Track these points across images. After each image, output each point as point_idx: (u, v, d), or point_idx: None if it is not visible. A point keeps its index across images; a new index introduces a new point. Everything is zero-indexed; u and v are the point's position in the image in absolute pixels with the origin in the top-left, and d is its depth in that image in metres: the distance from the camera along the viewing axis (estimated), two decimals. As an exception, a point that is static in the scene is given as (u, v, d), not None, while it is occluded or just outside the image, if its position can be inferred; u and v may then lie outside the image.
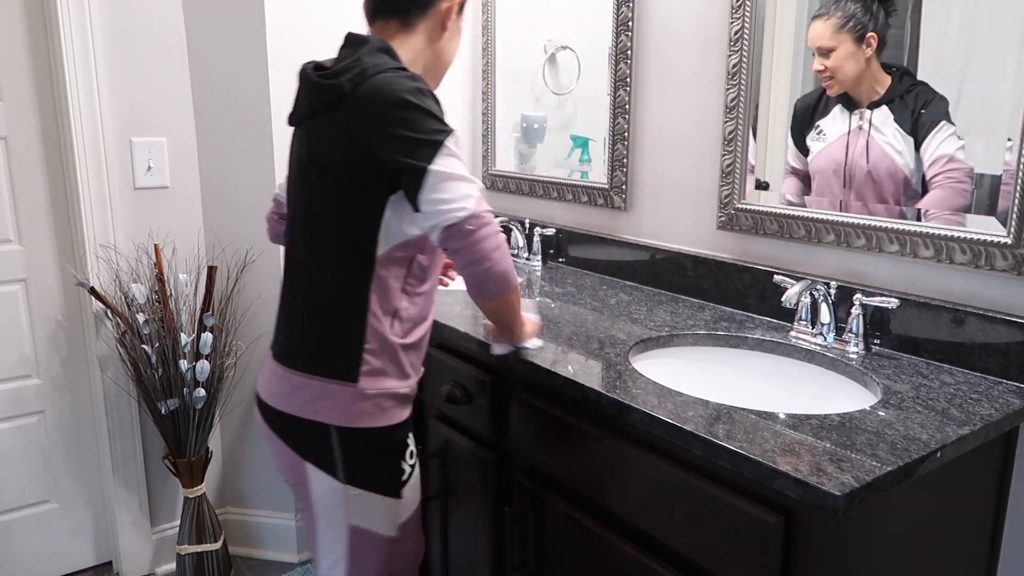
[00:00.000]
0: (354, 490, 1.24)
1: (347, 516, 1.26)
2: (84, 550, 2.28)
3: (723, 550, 1.03)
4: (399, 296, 1.23)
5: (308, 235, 1.24)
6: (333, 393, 1.20)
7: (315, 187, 1.22)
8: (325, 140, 1.19)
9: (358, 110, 1.15)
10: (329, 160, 1.19)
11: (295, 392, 1.22)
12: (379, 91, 1.14)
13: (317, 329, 1.23)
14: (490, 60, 2.33)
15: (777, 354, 1.43)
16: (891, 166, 1.38)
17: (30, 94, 2.01)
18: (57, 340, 2.15)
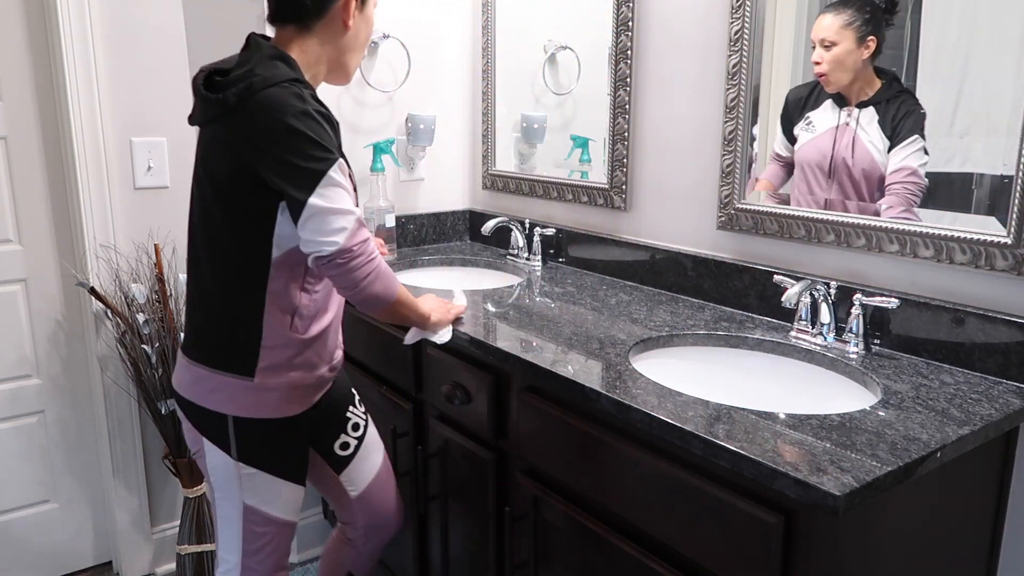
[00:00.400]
0: (246, 468, 1.32)
1: (240, 492, 1.33)
2: (84, 550, 2.28)
3: (723, 550, 1.03)
4: (298, 295, 1.29)
5: (206, 239, 1.28)
6: (230, 387, 1.28)
7: (209, 195, 1.26)
8: (214, 152, 1.23)
9: (243, 127, 1.18)
10: (218, 172, 1.23)
11: (197, 382, 1.30)
12: (264, 111, 1.16)
13: (217, 327, 1.29)
14: (490, 60, 2.33)
15: (777, 354, 1.43)
16: (871, 163, 1.43)
17: (30, 94, 2.01)
18: (57, 340, 2.15)
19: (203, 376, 1.29)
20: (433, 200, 2.44)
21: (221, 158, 1.22)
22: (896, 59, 1.37)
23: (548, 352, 1.37)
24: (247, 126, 1.18)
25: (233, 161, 1.20)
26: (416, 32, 2.28)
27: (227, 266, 1.27)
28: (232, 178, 1.21)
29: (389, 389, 1.83)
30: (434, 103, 2.37)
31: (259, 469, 1.33)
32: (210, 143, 1.25)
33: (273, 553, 1.40)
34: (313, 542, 2.37)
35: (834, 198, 1.49)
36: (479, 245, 2.43)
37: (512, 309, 1.68)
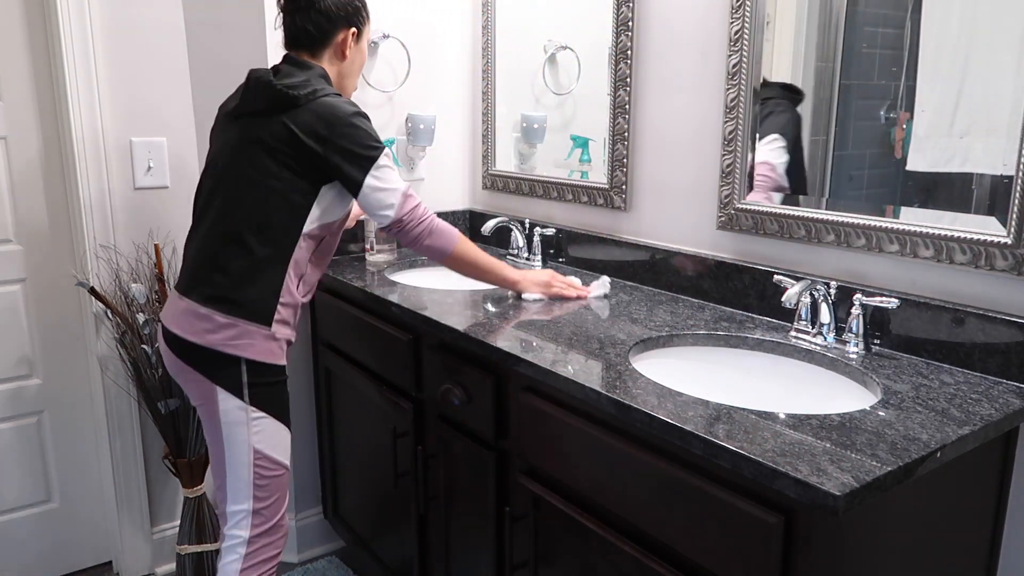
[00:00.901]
0: (255, 412, 1.50)
1: (250, 437, 1.50)
2: (84, 550, 2.28)
3: (723, 550, 1.03)
4: (306, 265, 1.56)
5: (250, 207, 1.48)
6: (252, 334, 1.48)
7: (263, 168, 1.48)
8: (278, 132, 1.47)
9: (310, 120, 1.47)
10: (276, 149, 1.47)
11: (220, 329, 1.46)
12: (329, 108, 1.49)
13: (248, 281, 1.48)
14: (490, 60, 2.33)
15: (777, 354, 1.43)
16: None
17: (30, 94, 2.01)
18: (57, 340, 2.15)
19: (226, 323, 1.46)
20: (433, 200, 2.44)
21: (287, 141, 1.46)
22: (896, 59, 1.37)
23: (548, 352, 1.37)
24: (314, 120, 1.47)
25: (295, 148, 1.46)
26: (416, 32, 2.28)
27: (265, 233, 1.48)
28: (293, 159, 1.47)
29: (389, 389, 1.83)
30: (434, 103, 2.37)
31: (266, 413, 1.51)
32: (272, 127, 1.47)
33: (280, 497, 1.57)
34: (313, 542, 2.38)
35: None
36: (479, 245, 2.43)
37: (512, 309, 1.68)
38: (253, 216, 1.48)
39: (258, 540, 1.55)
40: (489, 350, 1.42)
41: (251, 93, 1.52)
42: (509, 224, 2.16)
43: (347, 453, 2.16)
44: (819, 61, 1.51)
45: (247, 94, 1.53)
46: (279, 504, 1.58)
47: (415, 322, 1.66)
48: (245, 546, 1.54)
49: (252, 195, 1.48)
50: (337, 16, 1.58)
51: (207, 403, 1.50)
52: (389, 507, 1.94)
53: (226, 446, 1.51)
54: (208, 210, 1.53)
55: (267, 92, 1.49)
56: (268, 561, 1.58)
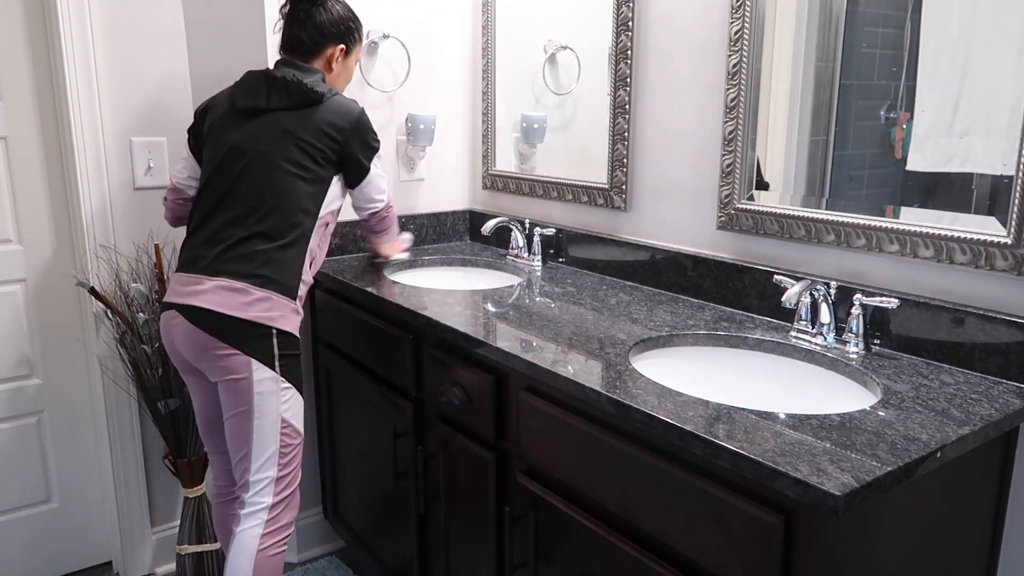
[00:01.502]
0: (284, 382, 1.61)
1: (279, 406, 1.61)
2: (84, 550, 2.28)
3: (723, 550, 1.03)
4: (316, 248, 1.71)
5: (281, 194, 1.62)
6: (282, 306, 1.60)
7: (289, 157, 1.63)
8: (311, 127, 1.65)
9: (331, 114, 1.67)
10: (312, 141, 1.64)
11: (256, 302, 1.57)
12: (346, 106, 1.70)
13: (276, 260, 1.61)
14: (490, 60, 2.33)
15: (777, 354, 1.43)
16: None
17: (30, 94, 2.01)
18: (57, 340, 2.15)
19: (262, 296, 1.57)
20: (433, 200, 2.44)
21: (315, 133, 1.64)
22: (896, 59, 1.37)
23: (548, 352, 1.37)
24: (335, 116, 1.66)
25: (320, 140, 1.64)
26: (416, 32, 2.28)
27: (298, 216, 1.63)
28: (314, 152, 1.64)
29: (389, 389, 1.83)
30: (434, 103, 2.37)
31: (291, 384, 1.63)
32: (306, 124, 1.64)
33: (298, 465, 1.68)
34: (313, 542, 2.38)
35: None
36: (479, 245, 2.43)
37: (512, 309, 1.68)
38: (282, 202, 1.61)
39: (279, 506, 1.64)
40: (489, 350, 1.42)
41: (279, 91, 1.66)
42: (509, 224, 2.16)
43: (347, 453, 2.16)
44: (819, 61, 1.51)
45: (273, 92, 1.66)
46: (297, 472, 1.68)
47: (415, 322, 1.66)
48: (267, 512, 1.62)
49: (281, 182, 1.61)
50: (330, 32, 1.74)
51: (237, 376, 1.57)
52: (389, 507, 1.94)
53: (256, 416, 1.59)
54: (227, 199, 1.62)
55: (296, 90, 1.65)
56: (285, 528, 1.66)
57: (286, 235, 1.61)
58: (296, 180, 1.62)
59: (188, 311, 1.56)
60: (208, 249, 1.60)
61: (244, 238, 1.59)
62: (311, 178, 1.64)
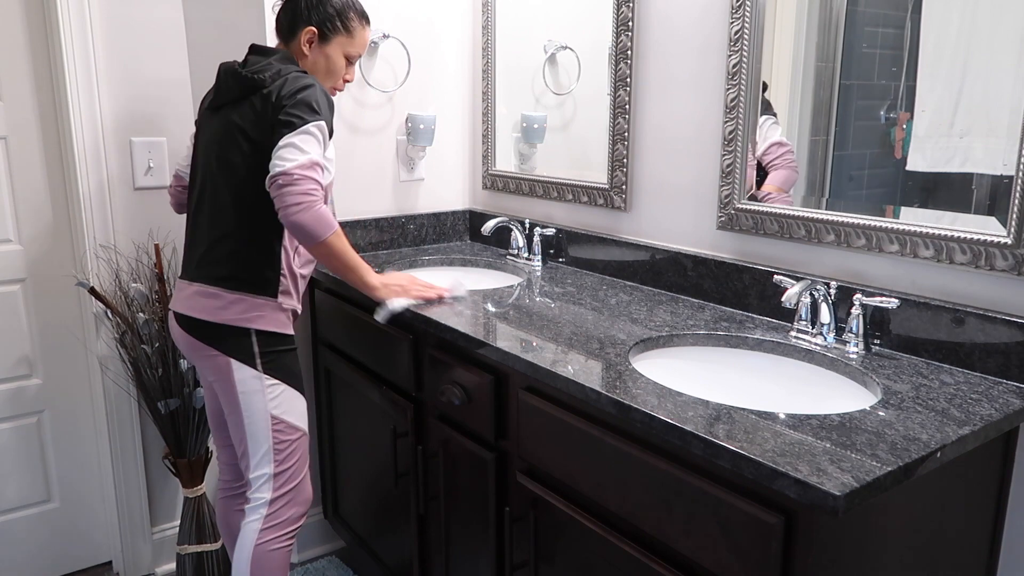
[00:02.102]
0: (269, 379, 1.60)
1: (266, 403, 1.59)
2: (84, 550, 2.28)
3: (723, 550, 1.04)
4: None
5: (232, 187, 1.57)
6: (261, 306, 1.58)
7: (247, 152, 1.55)
8: (253, 115, 1.54)
9: (273, 95, 1.52)
10: (255, 130, 1.54)
11: (231, 305, 1.56)
12: (289, 83, 1.54)
13: (248, 260, 1.58)
14: (490, 60, 2.33)
15: (777, 354, 1.43)
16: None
17: (30, 94, 2.01)
18: (57, 340, 2.15)
19: (235, 299, 1.56)
20: (433, 200, 2.44)
21: (261, 121, 1.52)
22: (896, 59, 1.37)
23: (548, 352, 1.37)
24: (278, 94, 1.52)
25: (267, 119, 1.51)
26: (416, 32, 2.28)
27: (259, 212, 1.55)
28: (264, 136, 1.52)
29: (389, 389, 1.83)
30: (434, 103, 2.37)
31: (279, 380, 1.61)
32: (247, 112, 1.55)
33: (299, 460, 1.67)
34: (313, 542, 2.38)
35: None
36: (479, 245, 2.43)
37: (512, 309, 1.68)
38: (241, 197, 1.56)
39: (279, 501, 1.63)
40: (489, 350, 1.42)
41: (223, 84, 1.60)
42: (509, 224, 2.16)
43: (347, 453, 2.16)
44: (819, 61, 1.51)
45: (219, 85, 1.61)
46: (299, 467, 1.67)
47: (415, 322, 1.66)
48: (267, 507, 1.62)
49: (237, 177, 1.56)
50: (301, 12, 1.64)
51: (222, 377, 1.59)
52: (389, 507, 1.94)
53: (245, 415, 1.60)
54: (202, 199, 1.61)
55: (235, 80, 1.57)
56: (289, 523, 1.66)
57: (252, 230, 1.58)
58: (251, 172, 1.55)
59: (178, 316, 1.63)
60: (191, 252, 1.64)
61: (217, 239, 1.59)
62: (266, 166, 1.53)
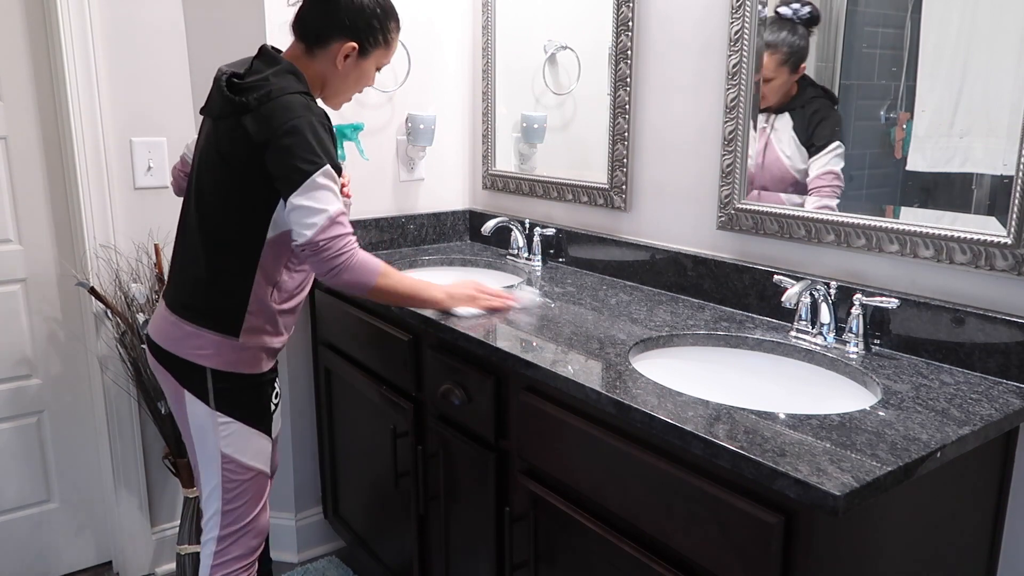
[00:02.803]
0: (222, 417, 1.48)
1: (218, 441, 1.49)
2: (84, 550, 2.28)
3: (723, 550, 1.03)
4: (282, 271, 1.49)
5: (205, 216, 1.46)
6: (217, 344, 1.45)
7: (220, 175, 1.43)
8: (231, 139, 1.40)
9: (260, 125, 1.36)
10: (231, 157, 1.40)
11: (184, 338, 1.46)
12: (279, 112, 1.36)
13: (209, 293, 1.46)
14: (490, 60, 2.33)
15: (777, 354, 1.43)
16: (781, 169, 1.55)
17: (30, 94, 2.01)
18: (57, 340, 2.15)
19: (191, 333, 1.45)
20: (433, 200, 2.44)
21: (238, 148, 1.39)
22: (896, 59, 1.37)
23: (548, 352, 1.37)
24: (264, 124, 1.36)
25: (250, 153, 1.37)
26: (416, 32, 2.28)
27: (225, 241, 1.44)
28: (245, 167, 1.39)
29: (389, 389, 1.83)
30: (434, 103, 2.37)
31: (233, 419, 1.49)
32: (228, 132, 1.40)
33: (250, 500, 1.54)
34: (313, 542, 2.38)
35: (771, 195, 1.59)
36: (479, 245, 2.43)
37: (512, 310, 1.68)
38: (216, 225, 1.45)
39: (227, 539, 1.54)
40: (489, 350, 1.42)
41: (211, 95, 1.46)
42: (509, 224, 2.16)
43: (347, 453, 2.16)
44: (819, 61, 1.51)
45: (210, 97, 1.47)
46: (249, 506, 1.55)
47: (415, 322, 1.66)
48: (214, 544, 1.54)
49: (213, 203, 1.44)
50: (340, 22, 1.44)
51: (178, 405, 1.52)
52: (389, 507, 1.94)
53: (196, 447, 1.52)
54: (185, 217, 1.52)
55: (220, 97, 1.41)
56: (238, 560, 1.56)
57: (222, 262, 1.45)
58: (229, 201, 1.43)
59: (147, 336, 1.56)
60: (171, 268, 1.55)
61: (187, 263, 1.49)
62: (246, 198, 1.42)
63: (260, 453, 1.54)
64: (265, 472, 1.56)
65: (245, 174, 1.39)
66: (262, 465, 1.55)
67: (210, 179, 1.44)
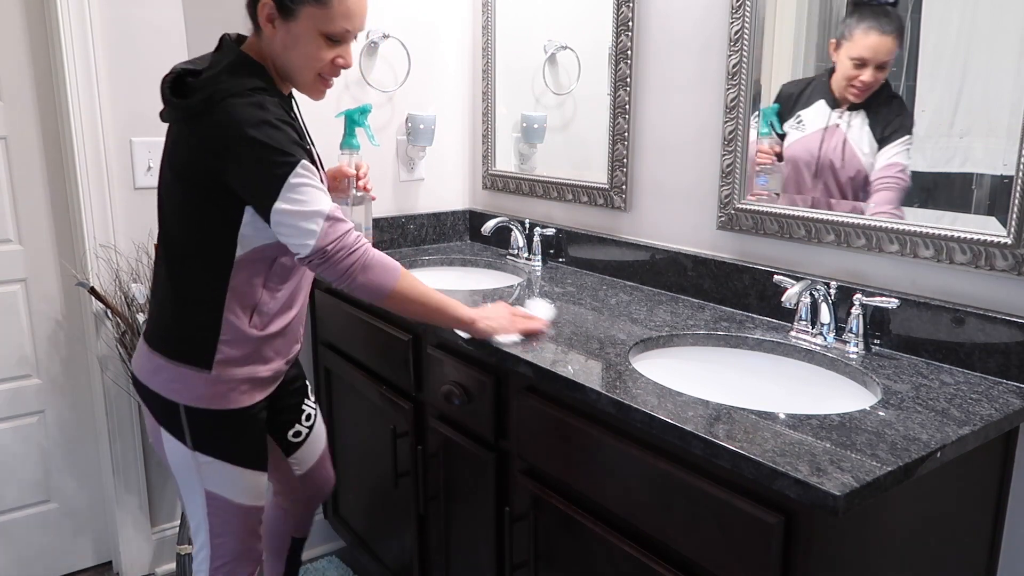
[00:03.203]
0: (203, 456, 1.36)
1: (200, 480, 1.37)
2: (84, 550, 2.28)
3: (723, 550, 1.03)
4: (260, 292, 1.33)
5: (171, 235, 1.32)
6: (187, 377, 1.31)
7: (174, 190, 1.29)
8: (180, 152, 1.26)
9: (206, 133, 1.21)
10: (184, 168, 1.26)
11: (156, 371, 1.33)
12: (224, 122, 1.19)
13: (178, 319, 1.33)
14: (490, 60, 2.33)
15: (777, 354, 1.43)
16: (858, 166, 1.46)
17: (30, 94, 2.01)
18: (57, 340, 2.15)
19: (161, 365, 1.33)
20: (433, 200, 2.44)
21: (188, 158, 1.25)
22: (896, 59, 1.37)
23: (548, 352, 1.37)
24: (210, 134, 1.21)
25: (199, 164, 1.23)
26: (416, 32, 2.28)
27: (187, 265, 1.30)
28: (200, 179, 1.24)
29: (389, 389, 1.83)
30: (434, 103, 2.37)
31: (215, 458, 1.36)
32: (176, 143, 1.27)
33: (240, 535, 1.43)
34: (313, 542, 2.37)
35: (819, 197, 1.51)
36: (479, 245, 2.43)
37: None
38: (178, 247, 1.30)
39: (219, 571, 1.44)
40: (489, 350, 1.42)
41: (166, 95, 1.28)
42: (509, 224, 2.16)
43: (347, 453, 2.16)
44: (819, 61, 1.51)
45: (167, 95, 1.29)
46: (239, 540, 1.44)
47: (415, 322, 1.66)
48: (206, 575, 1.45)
49: (172, 222, 1.31)
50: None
51: (156, 442, 1.40)
52: (389, 507, 1.94)
53: (179, 483, 1.41)
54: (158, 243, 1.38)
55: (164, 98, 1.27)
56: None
57: (187, 288, 1.31)
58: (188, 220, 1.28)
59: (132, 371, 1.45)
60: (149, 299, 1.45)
61: (157, 288, 1.36)
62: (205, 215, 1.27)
63: (250, 489, 1.41)
64: (257, 507, 1.44)
65: (201, 188, 1.24)
66: (253, 501, 1.43)
67: (167, 195, 1.31)
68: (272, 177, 1.19)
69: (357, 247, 1.25)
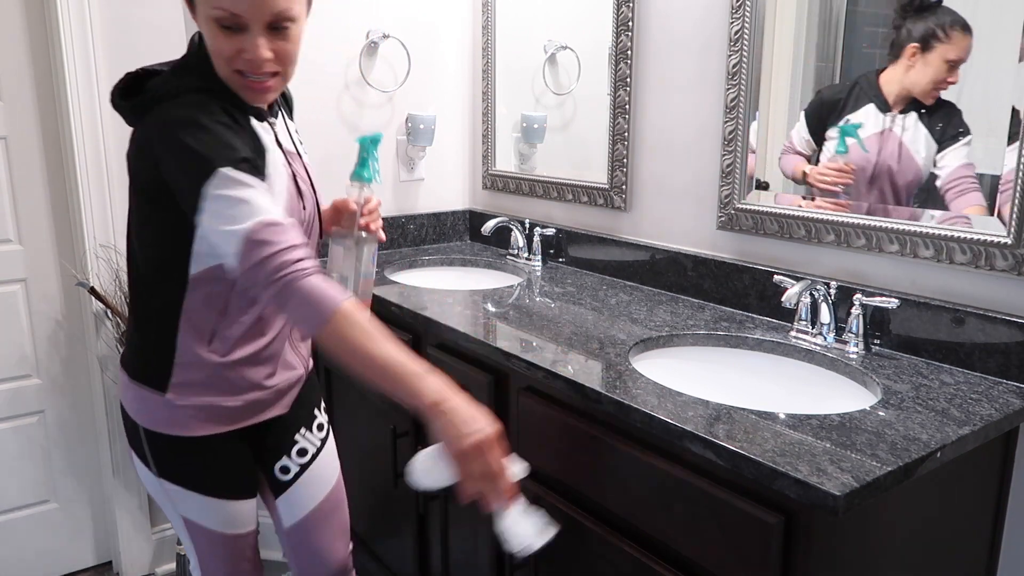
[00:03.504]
0: (169, 484, 1.26)
1: (174, 506, 1.29)
2: (84, 550, 2.28)
3: (723, 550, 1.03)
4: (218, 316, 1.20)
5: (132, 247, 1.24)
6: (144, 398, 1.23)
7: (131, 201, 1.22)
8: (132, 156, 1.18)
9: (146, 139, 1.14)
10: (133, 177, 1.19)
11: (125, 390, 1.27)
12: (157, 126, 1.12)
13: (136, 337, 1.26)
14: (490, 60, 2.33)
15: (777, 354, 1.43)
16: (916, 170, 1.41)
17: (30, 94, 2.01)
18: (57, 340, 2.15)
19: (127, 384, 1.26)
20: (433, 200, 2.44)
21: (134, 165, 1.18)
22: (896, 59, 1.37)
23: (548, 352, 1.37)
24: (144, 136, 1.15)
25: (143, 171, 1.16)
26: (416, 32, 2.28)
27: (143, 279, 1.22)
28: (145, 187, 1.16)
29: (389, 389, 1.83)
30: (434, 103, 2.37)
31: (182, 487, 1.25)
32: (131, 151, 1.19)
33: (229, 560, 1.33)
34: (313, 542, 2.37)
35: (874, 204, 1.45)
36: (479, 245, 2.43)
37: (512, 309, 1.68)
38: (136, 260, 1.23)
39: None
40: (489, 350, 1.42)
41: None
42: (509, 224, 2.16)
43: (347, 453, 2.16)
44: (819, 61, 1.51)
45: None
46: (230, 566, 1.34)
47: (415, 322, 1.66)
48: None
49: (133, 236, 1.23)
50: None
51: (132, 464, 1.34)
52: (389, 507, 1.94)
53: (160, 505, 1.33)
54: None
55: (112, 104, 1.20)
56: None
57: (144, 303, 1.24)
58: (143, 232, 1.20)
59: None
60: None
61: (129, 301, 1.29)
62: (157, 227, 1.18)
63: (232, 518, 1.30)
64: (242, 534, 1.33)
65: (149, 198, 1.16)
66: (237, 529, 1.31)
67: (129, 210, 1.23)
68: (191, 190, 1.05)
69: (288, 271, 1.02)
